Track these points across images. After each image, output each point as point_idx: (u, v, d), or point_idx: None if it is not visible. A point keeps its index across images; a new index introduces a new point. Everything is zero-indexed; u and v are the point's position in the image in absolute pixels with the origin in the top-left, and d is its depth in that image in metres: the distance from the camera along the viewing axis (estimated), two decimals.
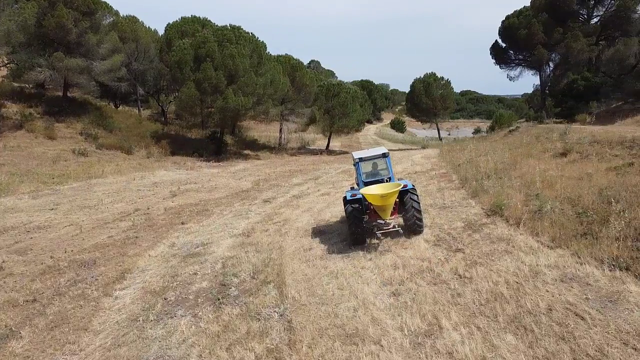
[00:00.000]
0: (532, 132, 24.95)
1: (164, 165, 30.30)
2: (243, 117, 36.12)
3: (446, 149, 30.50)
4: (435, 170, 20.52)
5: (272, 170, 30.71)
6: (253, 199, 19.16)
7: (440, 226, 11.27)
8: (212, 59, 31.92)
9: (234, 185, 24.02)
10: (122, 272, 10.36)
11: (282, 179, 25.73)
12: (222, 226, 14.28)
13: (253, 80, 32.90)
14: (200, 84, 31.61)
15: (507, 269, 8.23)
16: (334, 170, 28.47)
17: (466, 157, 21.51)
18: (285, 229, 12.94)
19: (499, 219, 10.99)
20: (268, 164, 35.11)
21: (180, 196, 20.70)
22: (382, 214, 10.71)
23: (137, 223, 15.49)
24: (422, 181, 17.97)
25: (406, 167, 22.58)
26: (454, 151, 27.47)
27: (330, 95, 44.21)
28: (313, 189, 20.15)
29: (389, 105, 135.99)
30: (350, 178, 22.94)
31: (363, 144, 57.42)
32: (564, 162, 16.03)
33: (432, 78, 49.82)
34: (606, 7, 41.03)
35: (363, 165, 12.39)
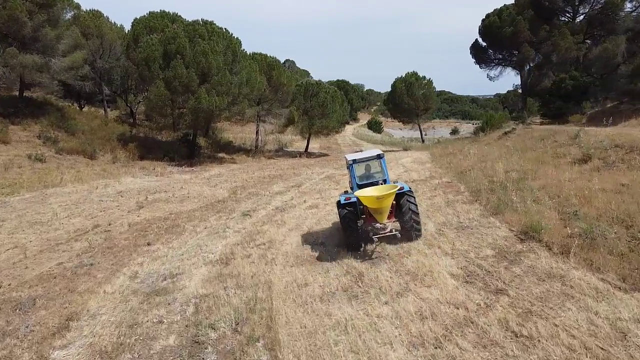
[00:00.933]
0: (534, 135, 23.43)
1: (131, 171, 27.79)
2: (217, 119, 33.74)
3: (438, 152, 28.80)
4: (436, 179, 18.66)
5: (249, 175, 28.52)
6: (230, 212, 17.00)
7: (465, 254, 9.31)
8: (183, 56, 29.56)
9: (209, 193, 21.79)
10: (67, 319, 8.14)
11: (262, 186, 23.59)
12: (195, 249, 12.09)
13: (227, 79, 30.63)
14: (170, 83, 29.22)
15: (578, 323, 6.22)
16: (317, 176, 26.44)
17: (469, 163, 19.80)
18: (272, 254, 10.82)
19: (537, 245, 9.07)
20: (244, 168, 32.88)
21: (148, 208, 18.40)
22: (379, 217, 10.31)
23: (94, 244, 13.20)
24: (425, 192, 16.07)
25: (400, 174, 20.67)
26: (447, 155, 25.81)
27: (309, 95, 42.20)
28: (298, 200, 18.08)
29: (365, 105, 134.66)
30: (337, 185, 21.00)
31: (342, 145, 55.54)
32: (588, 171, 14.37)
33: (414, 77, 48.14)
34: (591, 4, 40.02)
35: (357, 167, 11.93)
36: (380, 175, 11.90)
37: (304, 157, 42.24)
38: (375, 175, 12.02)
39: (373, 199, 10.03)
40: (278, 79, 39.60)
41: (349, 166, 11.94)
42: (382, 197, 9.91)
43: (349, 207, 10.58)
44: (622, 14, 38.12)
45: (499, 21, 51.17)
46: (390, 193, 10.01)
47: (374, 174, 12.13)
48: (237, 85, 31.73)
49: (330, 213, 14.78)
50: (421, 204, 14.11)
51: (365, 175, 12.11)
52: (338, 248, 10.80)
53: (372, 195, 10.17)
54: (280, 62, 41.13)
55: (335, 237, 11.77)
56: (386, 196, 9.93)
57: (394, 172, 20.57)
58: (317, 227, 13.17)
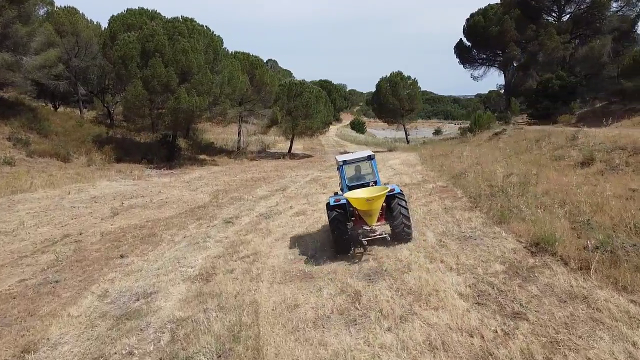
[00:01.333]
0: (527, 136, 22.81)
1: (107, 174, 26.52)
2: (198, 119, 32.56)
3: (427, 154, 28.03)
4: (430, 183, 17.79)
5: (231, 178, 27.48)
6: (212, 219, 15.98)
7: (472, 269, 8.30)
8: (162, 54, 28.38)
9: (189, 198, 20.72)
10: (23, 350, 7.09)
11: (244, 189, 22.58)
12: (172, 262, 11.06)
13: (208, 78, 29.52)
14: (149, 82, 28.01)
15: (614, 356, 5.26)
16: (302, 179, 25.51)
17: (463, 166, 19.01)
18: (257, 269, 9.82)
19: (551, 260, 8.16)
20: (226, 170, 31.80)
21: (123, 215, 17.28)
22: (368, 219, 10.11)
23: (62, 257, 12.08)
24: (419, 198, 15.16)
25: (390, 177, 19.81)
26: (437, 156, 25.03)
27: (293, 95, 41.23)
28: (283, 205, 17.11)
29: (348, 105, 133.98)
30: (324, 189, 20.11)
31: (326, 146, 54.70)
32: (592, 174, 13.68)
33: (399, 77, 47.40)
34: (577, 3, 39.83)
35: (347, 168, 11.74)
36: (370, 176, 11.67)
37: (287, 158, 41.29)
38: (365, 177, 11.78)
39: (363, 200, 9.80)
40: (261, 79, 38.58)
41: (339, 167, 11.67)
42: (372, 199, 9.68)
43: (339, 209, 10.33)
44: (608, 14, 38.01)
45: (484, 21, 50.96)
46: (381, 195, 9.78)
47: (364, 175, 11.88)
48: (219, 85, 30.65)
49: (319, 220, 13.85)
50: (417, 210, 13.29)
51: (356, 177, 11.86)
52: (330, 261, 9.85)
53: (361, 197, 9.94)
54: (263, 61, 40.12)
55: (327, 248, 10.80)
56: (376, 198, 9.69)
57: (384, 175, 19.74)
58: (306, 236, 12.17)
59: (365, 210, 9.98)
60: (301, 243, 11.58)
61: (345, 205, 10.43)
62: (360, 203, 9.89)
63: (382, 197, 9.87)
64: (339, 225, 10.19)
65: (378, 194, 9.79)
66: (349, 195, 10.18)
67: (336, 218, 10.22)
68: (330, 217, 10.35)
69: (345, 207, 10.43)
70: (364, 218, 10.28)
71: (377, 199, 9.76)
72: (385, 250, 10.09)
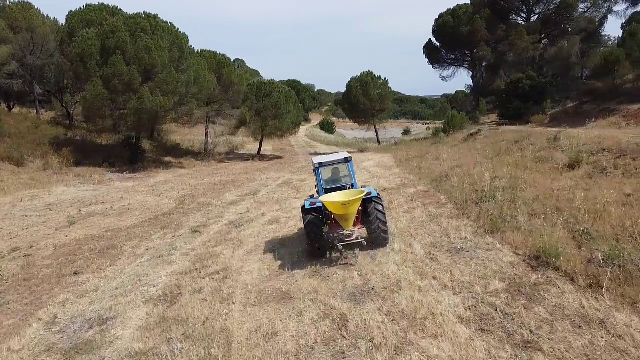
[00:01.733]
0: (506, 137, 22.40)
1: (65, 179, 24.96)
2: (163, 120, 31.12)
3: (402, 155, 27.35)
4: (410, 187, 16.93)
5: (199, 181, 26.27)
6: (177, 227, 14.86)
7: (470, 287, 7.43)
8: (124, 51, 26.89)
9: (153, 204, 19.49)
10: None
11: (213, 194, 21.45)
12: (133, 279, 9.94)
13: (174, 77, 28.19)
14: (110, 81, 26.50)
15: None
16: (273, 182, 24.51)
17: (443, 169, 18.32)
18: (229, 287, 8.77)
19: (555, 275, 7.34)
20: (193, 173, 30.52)
21: (81, 224, 15.98)
22: (344, 223, 9.91)
23: (8, 275, 10.84)
24: (401, 204, 14.34)
25: (366, 181, 18.89)
26: (413, 158, 24.39)
27: (262, 95, 40.06)
28: (255, 212, 16.08)
29: (316, 106, 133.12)
30: (297, 194, 19.19)
31: (296, 147, 53.69)
32: (580, 178, 13.13)
33: (370, 77, 46.65)
34: (546, 4, 40.03)
35: (323, 171, 11.46)
36: (347, 179, 11.48)
37: (257, 160, 40.16)
38: (342, 180, 11.58)
39: (338, 205, 9.58)
40: (228, 78, 37.30)
41: (315, 170, 11.32)
42: (347, 203, 9.47)
43: (314, 213, 10.11)
44: (576, 14, 38.30)
45: (453, 21, 50.99)
46: (357, 199, 9.56)
47: (341, 178, 11.67)
48: (184, 84, 29.34)
49: (294, 230, 12.91)
50: (400, 218, 12.49)
51: (332, 180, 11.65)
52: (310, 277, 8.87)
53: (337, 201, 9.69)
54: (230, 60, 38.83)
55: (305, 262, 9.84)
56: (352, 202, 9.48)
57: (360, 179, 18.92)
58: (282, 248, 11.16)
59: (341, 215, 9.76)
60: (276, 256, 10.60)
61: (321, 209, 10.20)
62: (336, 207, 9.64)
63: (358, 201, 9.64)
64: (314, 229, 9.97)
65: (354, 198, 9.54)
66: (325, 199, 9.88)
67: (311, 222, 9.99)
68: (306, 221, 10.11)
69: (321, 210, 10.22)
70: (339, 222, 10.05)
71: (353, 203, 9.53)
72: (369, 264, 9.22)
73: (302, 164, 36.00)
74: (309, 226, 10.02)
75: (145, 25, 28.13)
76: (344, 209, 9.56)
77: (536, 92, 33.60)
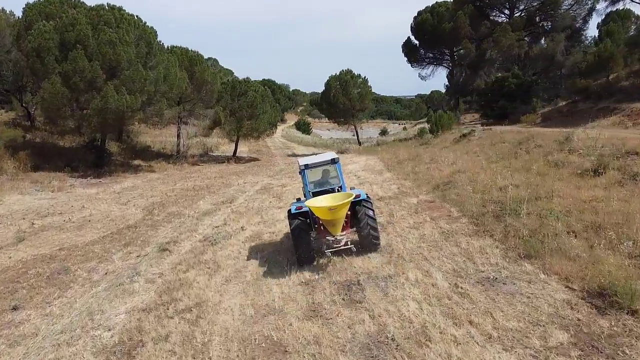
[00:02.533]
0: (505, 138, 20.93)
1: (20, 186, 22.55)
2: (130, 121, 28.80)
3: (390, 158, 25.67)
4: (410, 196, 14.81)
5: (170, 187, 24.23)
6: (143, 244, 12.92)
7: (524, 339, 5.62)
8: (85, 46, 24.62)
9: (117, 215, 17.47)
10: None
11: (185, 202, 19.50)
12: (83, 319, 7.99)
13: (141, 75, 26.02)
14: (70, 78, 24.21)
15: None
16: (251, 187, 22.63)
17: (443, 174, 16.78)
18: (203, 334, 6.80)
19: (634, 322, 5.63)
20: (164, 177, 28.40)
21: (31, 240, 13.90)
22: (332, 229, 9.55)
23: None
24: (404, 217, 12.48)
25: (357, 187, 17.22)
26: (405, 161, 22.78)
27: (236, 94, 38.03)
28: (233, 224, 14.19)
29: (292, 106, 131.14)
30: (279, 202, 17.41)
31: (272, 148, 51.75)
32: (608, 186, 11.52)
33: (349, 75, 44.85)
34: (529, 0, 39.05)
35: (310, 173, 11.02)
36: (335, 181, 11.14)
37: (232, 162, 38.12)
38: (330, 182, 11.23)
39: (325, 210, 9.16)
40: (201, 76, 35.16)
41: (301, 172, 10.93)
42: (335, 207, 9.03)
43: (301, 217, 9.76)
44: (560, 11, 37.41)
45: (432, 18, 49.82)
46: (344, 203, 9.09)
47: (328, 180, 11.30)
48: (153, 82, 27.17)
49: (280, 249, 11.09)
50: (407, 237, 10.65)
51: (319, 182, 11.30)
52: (307, 319, 6.97)
53: (324, 205, 9.28)
54: (203, 57, 36.63)
55: (299, 296, 8.00)
56: (339, 207, 9.03)
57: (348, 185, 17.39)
58: (267, 275, 9.19)
59: (328, 220, 9.35)
60: (262, 286, 8.69)
61: (308, 213, 9.87)
62: (323, 212, 9.23)
63: (346, 205, 9.15)
64: (301, 234, 9.58)
65: (341, 203, 9.08)
66: (311, 204, 9.48)
67: (298, 227, 9.62)
68: (292, 226, 9.73)
69: (308, 214, 9.91)
70: (327, 228, 9.63)
71: (341, 208, 9.06)
72: (381, 300, 7.40)
73: (280, 166, 34.17)
74: (296, 232, 9.60)
75: (109, 17, 25.89)
76: (331, 214, 9.10)
77: (522, 90, 32.50)
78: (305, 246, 9.56)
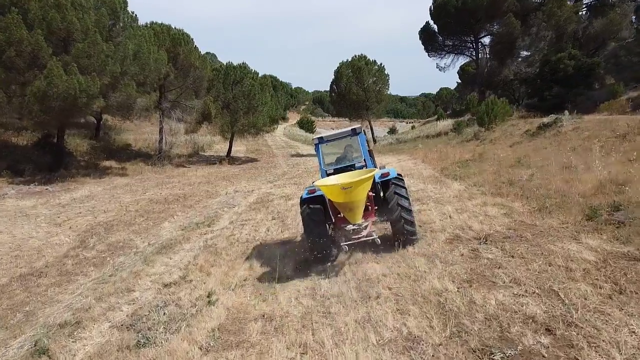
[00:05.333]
0: (618, 128, 14.39)
1: None
2: (86, 110, 22.22)
3: (437, 158, 18.98)
4: (565, 239, 7.17)
5: (135, 197, 18.14)
6: (28, 318, 6.70)
7: None
8: (25, 10, 18.52)
9: (36, 245, 11.43)
10: None
11: (144, 222, 13.37)
12: None
13: (100, 49, 19.82)
14: (2, 52, 18.10)
15: None
16: (243, 199, 16.42)
17: (582, 188, 9.29)
18: None
19: None
20: (135, 184, 22.25)
21: None
22: (349, 215, 7.49)
23: None
24: (595, 304, 5.22)
25: (424, 210, 10.51)
26: (466, 162, 16.15)
27: (230, 82, 31.76)
28: (198, 282, 7.88)
29: (294, 104, 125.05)
30: (283, 226, 11.13)
31: (274, 147, 45.45)
32: None
33: (363, 61, 38.08)
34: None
35: (325, 148, 9.12)
36: (358, 158, 8.95)
37: (225, 163, 31.90)
38: (351, 159, 9.03)
39: (337, 189, 7.07)
40: (187, 59, 28.87)
41: (316, 147, 9.05)
42: (349, 186, 6.94)
43: (314, 204, 7.86)
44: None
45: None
46: (362, 180, 6.98)
47: (350, 157, 9.11)
48: (119, 61, 20.97)
49: None
50: None
51: (339, 159, 9.18)
52: None
53: (335, 184, 7.19)
54: (190, 37, 30.19)
55: None
56: (356, 184, 6.94)
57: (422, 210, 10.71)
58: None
59: (343, 204, 7.32)
60: None
61: (322, 198, 7.90)
62: (335, 193, 7.19)
63: (363, 183, 7.02)
64: (315, 225, 7.75)
65: (358, 179, 7.00)
66: (320, 183, 7.61)
67: (310, 216, 7.79)
68: (304, 215, 7.91)
69: (323, 200, 7.94)
70: (344, 214, 7.62)
71: (357, 187, 6.95)
72: None
73: (282, 168, 27.91)
74: (307, 222, 7.81)
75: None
76: (346, 195, 6.99)
77: (581, 74, 26.20)
78: (319, 239, 7.72)
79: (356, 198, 7.19)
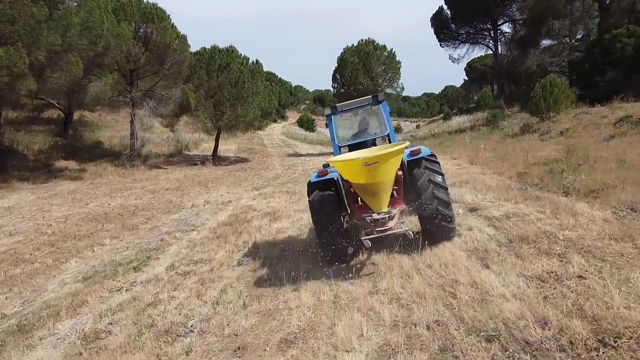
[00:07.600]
0: None
1: None
2: (13, 92, 16.86)
3: (494, 158, 14.00)
4: None
5: (70, 210, 13.40)
6: None
7: None
8: None
9: None
10: None
11: (45, 256, 8.48)
12: None
13: (29, 13, 14.87)
14: None
15: None
16: (212, 216, 11.46)
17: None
18: None
19: None
20: (84, 190, 17.48)
21: None
22: (372, 201, 5.60)
23: None
24: None
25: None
26: (576, 170, 10.44)
27: (215, 68, 26.79)
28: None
29: (294, 102, 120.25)
30: (253, 276, 6.09)
31: (269, 146, 40.46)
32: None
33: (372, 46, 32.80)
34: None
35: (339, 120, 7.32)
36: (379, 131, 7.16)
37: (209, 164, 26.97)
38: (370, 131, 7.26)
39: (357, 166, 5.16)
40: (162, 38, 23.84)
41: (327, 119, 7.19)
42: (374, 161, 5.06)
43: (325, 189, 5.99)
44: None
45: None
46: (390, 153, 5.14)
47: (369, 129, 7.31)
48: (60, 31, 16.02)
49: None
50: None
51: (356, 134, 7.36)
52: None
53: (356, 158, 5.24)
54: (165, 13, 25.23)
55: None
56: (382, 159, 5.09)
57: (470, 237, 5.93)
58: None
59: (364, 185, 5.43)
60: None
61: (336, 182, 6.07)
62: (354, 171, 5.32)
63: (392, 157, 5.16)
64: (326, 216, 5.82)
65: (386, 151, 5.15)
66: (335, 160, 5.69)
67: (320, 203, 5.88)
68: (312, 202, 5.98)
69: (336, 184, 6.08)
70: (365, 201, 5.65)
71: (385, 161, 5.09)
72: None
73: (276, 170, 22.89)
74: (316, 210, 5.87)
75: None
76: (369, 174, 5.08)
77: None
78: (332, 233, 5.71)
79: (382, 178, 5.33)
